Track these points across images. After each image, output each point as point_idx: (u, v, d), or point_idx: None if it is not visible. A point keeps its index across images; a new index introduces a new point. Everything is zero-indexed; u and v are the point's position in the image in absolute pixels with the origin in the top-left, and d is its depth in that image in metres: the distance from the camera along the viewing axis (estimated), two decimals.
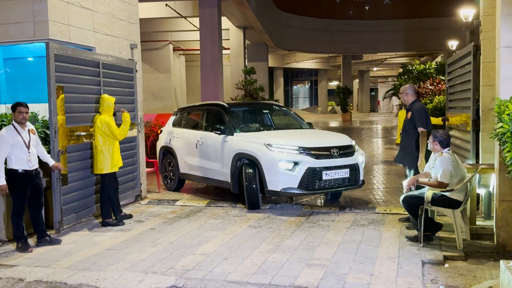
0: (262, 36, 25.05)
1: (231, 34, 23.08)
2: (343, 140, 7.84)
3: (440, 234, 5.81)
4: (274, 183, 7.18)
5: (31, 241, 5.93)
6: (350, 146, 7.65)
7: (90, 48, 7.34)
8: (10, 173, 5.62)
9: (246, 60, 24.36)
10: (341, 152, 7.39)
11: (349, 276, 4.62)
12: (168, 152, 9.52)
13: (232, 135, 7.93)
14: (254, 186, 7.38)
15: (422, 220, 5.41)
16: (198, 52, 17.91)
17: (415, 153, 6.43)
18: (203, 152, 8.51)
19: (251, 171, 7.41)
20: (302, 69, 48.40)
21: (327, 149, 7.35)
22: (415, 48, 32.61)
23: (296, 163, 7.07)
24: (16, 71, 8.96)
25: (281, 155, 7.15)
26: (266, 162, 7.21)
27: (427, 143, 5.88)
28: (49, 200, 6.43)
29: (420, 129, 6.37)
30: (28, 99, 5.81)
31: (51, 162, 6.05)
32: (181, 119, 9.61)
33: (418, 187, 5.85)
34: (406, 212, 5.97)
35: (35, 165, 5.80)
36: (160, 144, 9.80)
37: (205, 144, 8.45)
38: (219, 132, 8.05)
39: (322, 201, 8.32)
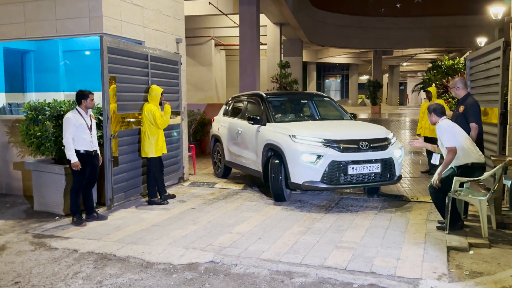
0: (297, 32, 24.78)
1: (268, 30, 22.91)
2: (376, 132, 6.83)
3: (466, 222, 5.63)
4: (297, 175, 6.44)
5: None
6: (384, 139, 6.66)
7: (140, 42, 7.41)
8: None
9: (282, 55, 24.17)
10: (371, 145, 6.46)
11: (376, 259, 4.53)
12: (217, 140, 9.18)
13: (265, 125, 7.36)
14: (280, 178, 6.72)
15: (449, 208, 5.24)
16: (238, 47, 17.86)
17: None
18: (241, 141, 8.10)
19: (277, 162, 6.75)
20: (334, 63, 47.72)
21: (355, 141, 6.44)
22: (444, 44, 31.61)
23: (319, 156, 6.29)
24: (73, 62, 9.20)
25: (305, 147, 6.41)
26: (289, 153, 6.51)
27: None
28: (101, 180, 6.58)
29: (473, 125, 5.95)
30: (83, 88, 5.92)
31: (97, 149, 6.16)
32: (229, 109, 9.22)
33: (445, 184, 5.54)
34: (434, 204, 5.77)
35: (95, 147, 5.94)
36: (211, 132, 9.52)
37: (243, 133, 8.00)
38: (252, 122, 7.56)
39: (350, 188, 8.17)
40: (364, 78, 48.71)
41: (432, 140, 8.19)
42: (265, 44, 23.50)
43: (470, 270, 4.31)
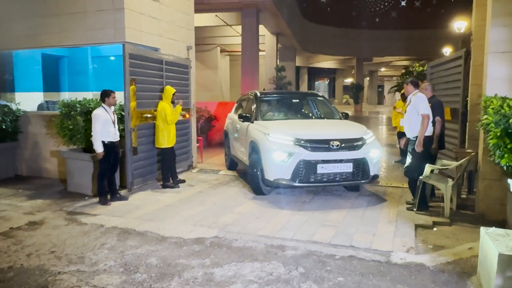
0: (291, 41, 24.66)
1: (267, 39, 22.77)
2: (350, 133, 6.02)
3: (431, 204, 5.67)
4: (269, 172, 5.80)
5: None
6: (357, 139, 5.85)
7: (156, 49, 7.38)
8: None
9: (278, 60, 24.06)
10: (343, 145, 5.70)
11: (355, 235, 4.57)
12: (226, 135, 8.71)
13: (253, 122, 6.77)
14: (258, 173, 6.12)
15: (419, 190, 5.28)
16: (240, 53, 17.80)
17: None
18: (238, 137, 7.56)
19: (255, 158, 6.20)
20: (323, 68, 47.45)
21: (325, 141, 5.70)
22: (416, 53, 31.55)
23: (290, 154, 5.63)
24: (100, 66, 9.18)
25: (277, 146, 5.77)
26: (264, 151, 5.90)
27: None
28: (122, 167, 6.59)
29: (438, 118, 5.75)
30: (109, 88, 5.92)
31: None
32: (236, 106, 8.71)
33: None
34: (405, 186, 5.83)
35: (118, 138, 5.95)
36: (224, 127, 9.02)
37: (239, 130, 7.46)
38: (242, 120, 7.01)
39: None
40: (348, 81, 48.49)
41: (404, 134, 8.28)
42: (264, 51, 23.36)
43: (433, 244, 4.36)
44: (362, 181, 5.83)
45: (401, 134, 8.72)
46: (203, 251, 4.15)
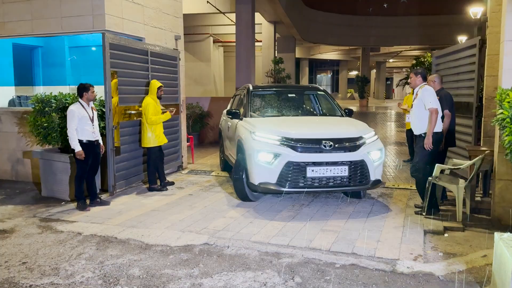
0: (290, 30, 24.65)
1: (263, 28, 22.79)
2: (347, 131, 5.76)
3: (442, 207, 5.67)
4: (254, 175, 5.55)
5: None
6: (355, 139, 5.58)
7: (140, 39, 7.36)
8: None
9: (276, 51, 24.07)
10: (337, 145, 5.44)
11: (358, 241, 4.56)
12: (220, 133, 8.58)
13: (241, 119, 6.60)
14: (243, 176, 5.91)
15: (428, 192, 5.27)
16: (235, 44, 17.78)
17: None
18: (228, 135, 7.44)
19: (240, 158, 5.98)
20: (325, 60, 47.57)
21: (317, 141, 5.44)
22: (428, 42, 31.55)
23: (276, 155, 5.40)
24: (78, 58, 9.14)
25: (262, 145, 5.53)
26: (248, 151, 5.67)
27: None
28: (104, 168, 6.57)
29: (447, 112, 5.77)
30: (87, 82, 5.89)
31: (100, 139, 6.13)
32: (231, 102, 8.53)
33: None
34: (414, 188, 5.82)
35: (97, 137, 5.92)
36: (219, 125, 8.90)
37: (230, 128, 7.29)
38: (230, 117, 6.86)
39: None
40: (353, 73, 48.64)
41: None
42: (260, 41, 23.38)
43: (444, 251, 4.35)
44: (361, 187, 5.56)
45: (410, 132, 8.76)
46: (191, 259, 4.14)
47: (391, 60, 47.91)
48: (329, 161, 5.40)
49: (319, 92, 7.58)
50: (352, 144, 5.54)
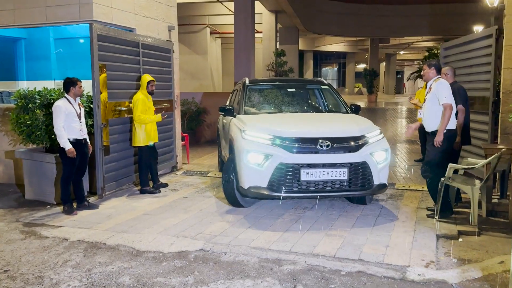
0: (293, 20, 24.62)
1: (264, 18, 22.75)
2: (347, 129, 5.60)
3: (456, 209, 5.67)
4: (243, 178, 5.40)
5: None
6: (355, 138, 5.39)
7: (131, 30, 7.35)
8: None
9: (278, 43, 24.04)
10: (335, 145, 5.25)
11: (365, 246, 4.56)
12: (218, 132, 8.50)
13: (235, 117, 6.46)
14: (232, 179, 5.79)
15: (441, 194, 5.26)
16: (233, 35, 17.75)
17: None
18: (224, 134, 7.34)
19: (230, 161, 5.87)
20: (331, 52, 47.53)
21: (312, 140, 5.26)
22: (441, 32, 31.45)
23: (267, 156, 5.24)
24: (64, 50, 9.14)
25: (252, 145, 5.37)
26: (237, 151, 5.55)
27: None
28: (92, 169, 6.56)
29: (460, 107, 5.76)
30: (74, 76, 5.89)
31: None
32: (231, 97, 8.21)
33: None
34: (425, 189, 5.81)
35: (85, 135, 5.92)
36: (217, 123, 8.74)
37: (225, 126, 7.18)
38: (223, 114, 6.74)
39: None
40: (361, 66, 48.62)
41: None
42: (261, 32, 23.36)
43: (458, 257, 4.34)
44: (363, 192, 5.39)
45: (423, 129, 8.75)
46: (185, 267, 4.13)
47: (401, 52, 47.86)
48: (326, 163, 5.23)
49: (322, 87, 7.34)
50: (352, 144, 5.35)
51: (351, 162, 5.27)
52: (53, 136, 5.94)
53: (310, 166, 5.20)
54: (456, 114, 5.48)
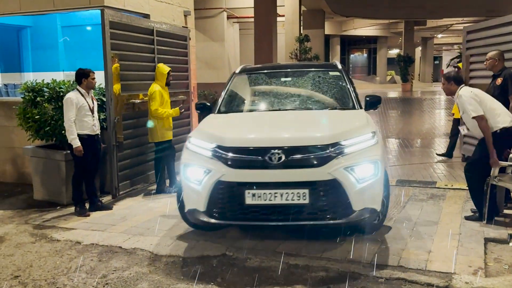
0: (318, 2, 24.50)
1: (287, 0, 22.70)
2: (313, 134, 4.56)
3: (506, 211, 5.58)
4: (184, 199, 4.73)
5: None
6: (320, 148, 4.32)
7: (145, 15, 7.41)
8: None
9: (302, 27, 23.95)
10: (290, 157, 4.28)
11: (405, 252, 4.52)
12: None
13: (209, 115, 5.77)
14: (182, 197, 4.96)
15: (487, 195, 5.18)
16: (253, 19, 17.75)
17: None
18: None
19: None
20: (360, 36, 47.16)
21: (261, 150, 4.33)
22: (484, 13, 30.77)
23: (206, 172, 4.44)
24: (73, 39, 9.27)
25: (193, 157, 4.64)
26: (181, 165, 4.77)
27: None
28: (105, 167, 6.66)
29: None
30: (84, 67, 5.97)
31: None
32: None
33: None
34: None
35: (97, 130, 6.01)
36: None
37: None
38: (199, 112, 6.02)
39: None
40: (394, 52, 48.04)
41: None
42: (283, 16, 23.29)
43: (509, 263, 4.28)
44: (336, 222, 4.31)
45: (458, 121, 8.74)
46: (208, 273, 4.17)
47: (439, 36, 47.17)
48: (278, 182, 4.31)
49: (331, 73, 6.24)
50: (316, 155, 4.31)
51: (313, 181, 4.29)
52: (63, 131, 6.04)
53: (257, 185, 4.30)
54: (508, 105, 5.37)
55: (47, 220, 5.79)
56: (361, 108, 5.57)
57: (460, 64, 9.14)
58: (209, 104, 5.90)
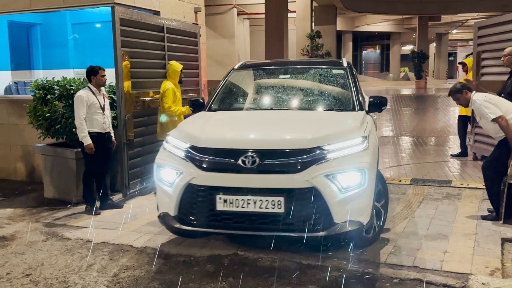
0: None
1: None
2: (290, 137, 4.38)
3: None
4: (158, 201, 4.65)
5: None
6: (298, 152, 4.11)
7: (155, 12, 7.44)
8: None
9: (313, 23, 23.89)
10: (265, 161, 4.08)
11: (420, 252, 4.51)
12: None
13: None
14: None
15: (505, 194, 5.15)
16: (263, 16, 17.74)
17: None
18: None
19: None
20: (373, 32, 46.95)
21: (233, 153, 4.17)
22: (500, 8, 30.47)
23: (177, 174, 4.31)
24: (82, 36, 9.33)
25: (166, 158, 4.51)
26: (154, 165, 4.65)
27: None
28: (116, 165, 6.70)
29: None
30: (94, 64, 6.01)
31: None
32: None
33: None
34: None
35: (108, 128, 6.05)
36: None
37: None
38: (192, 109, 5.82)
39: (391, 173, 8.10)
40: (408, 48, 47.82)
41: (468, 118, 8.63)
42: (294, 12, 23.27)
43: None
44: (313, 234, 4.03)
45: (463, 118, 8.72)
46: (219, 272, 4.18)
47: (454, 32, 46.83)
48: (252, 187, 4.11)
49: (335, 71, 6.00)
50: (293, 160, 4.08)
51: (289, 188, 4.06)
52: (73, 129, 6.09)
53: (229, 191, 4.14)
54: None
55: (58, 218, 5.85)
56: (362, 109, 5.21)
57: (466, 60, 9.04)
58: (201, 100, 5.74)
